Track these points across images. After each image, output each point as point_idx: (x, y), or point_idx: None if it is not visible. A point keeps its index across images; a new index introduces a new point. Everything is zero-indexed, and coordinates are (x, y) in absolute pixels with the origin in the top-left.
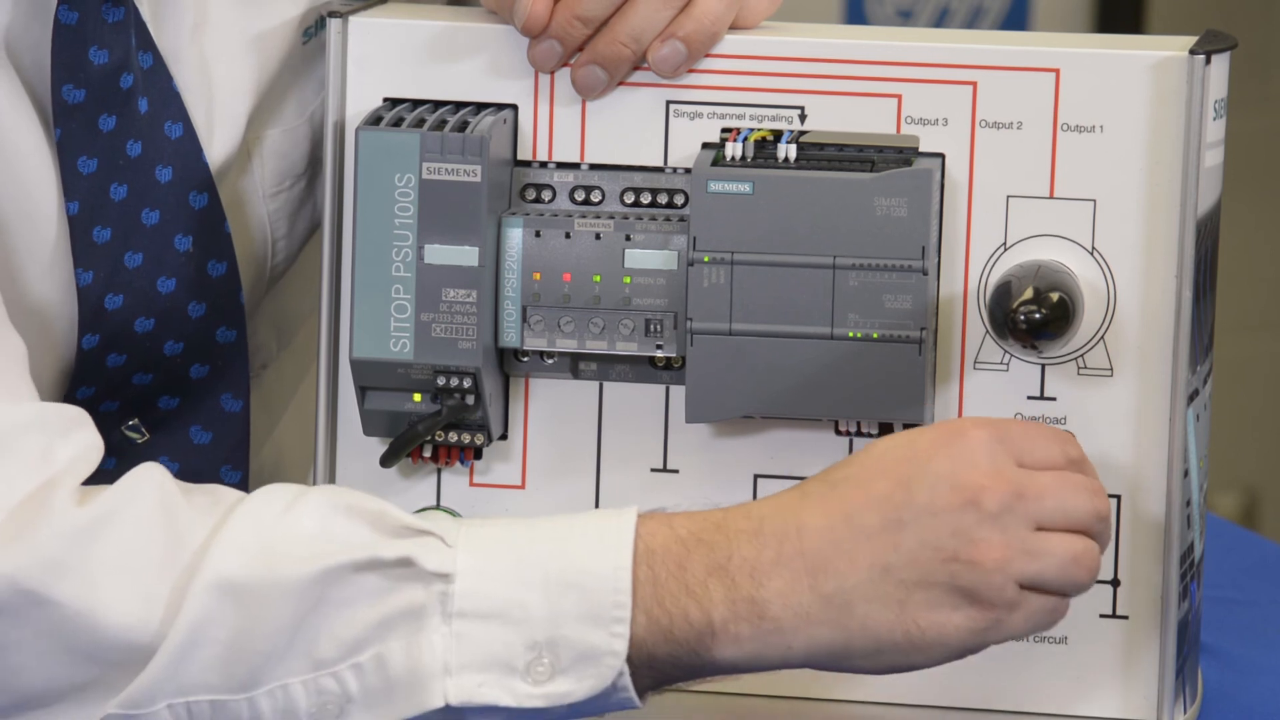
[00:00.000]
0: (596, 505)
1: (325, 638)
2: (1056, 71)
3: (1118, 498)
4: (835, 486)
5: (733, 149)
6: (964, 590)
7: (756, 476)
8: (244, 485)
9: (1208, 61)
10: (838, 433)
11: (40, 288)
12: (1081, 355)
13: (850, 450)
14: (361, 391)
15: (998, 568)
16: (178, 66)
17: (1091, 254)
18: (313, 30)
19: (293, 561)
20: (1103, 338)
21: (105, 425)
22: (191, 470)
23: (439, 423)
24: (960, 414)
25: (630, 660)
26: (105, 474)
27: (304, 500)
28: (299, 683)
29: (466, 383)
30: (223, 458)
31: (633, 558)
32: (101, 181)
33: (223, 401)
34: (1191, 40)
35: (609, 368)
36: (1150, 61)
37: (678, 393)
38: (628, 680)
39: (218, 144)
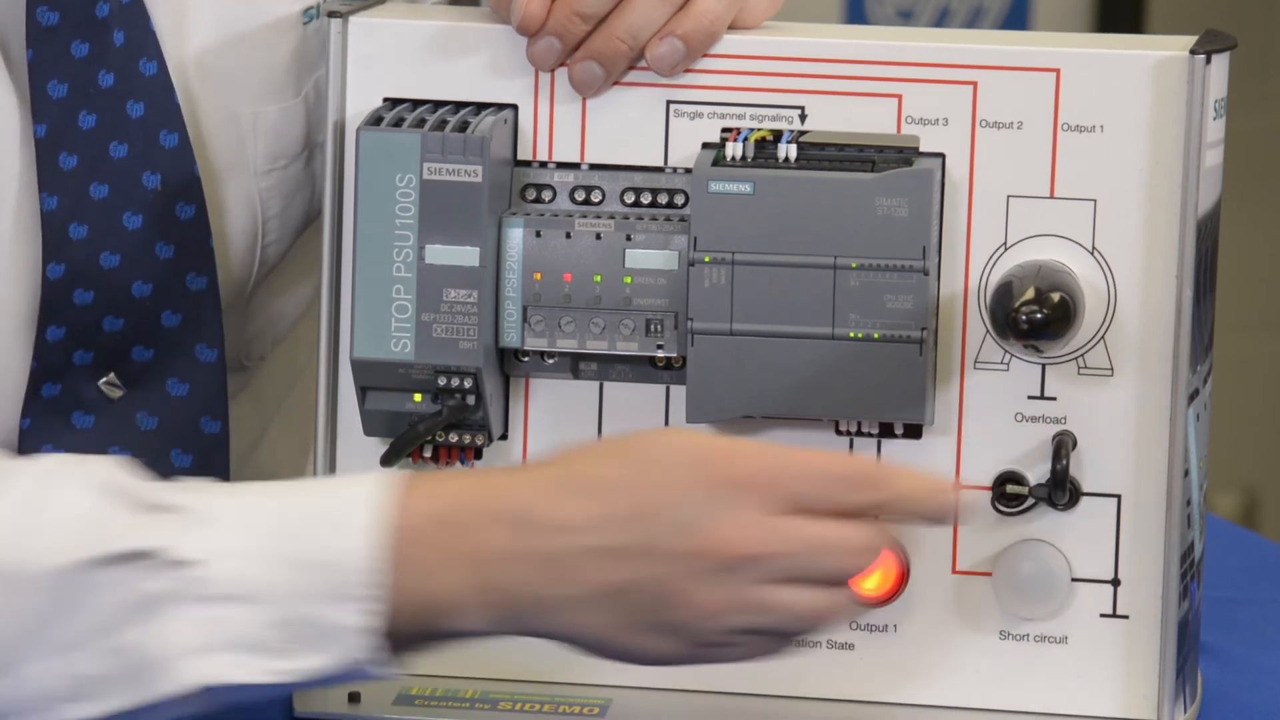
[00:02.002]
0: None
1: (75, 624)
2: (1057, 71)
3: (1118, 497)
4: (594, 488)
5: (733, 149)
6: (674, 627)
7: None
8: (224, 434)
9: (1208, 61)
10: (838, 433)
11: (4, 212)
12: (1082, 355)
13: (850, 451)
14: (362, 391)
15: (711, 617)
16: (155, 9)
17: (1092, 254)
18: (314, 11)
19: (41, 550)
20: (1103, 337)
21: (81, 380)
22: (170, 423)
23: (439, 423)
24: (961, 414)
25: (375, 634)
26: (85, 433)
27: (55, 477)
28: (47, 668)
29: (467, 383)
30: (200, 409)
31: (381, 534)
32: (70, 107)
33: (197, 352)
34: (1191, 40)
35: (609, 368)
36: (1150, 61)
37: (678, 393)
38: (373, 654)
39: (193, 75)
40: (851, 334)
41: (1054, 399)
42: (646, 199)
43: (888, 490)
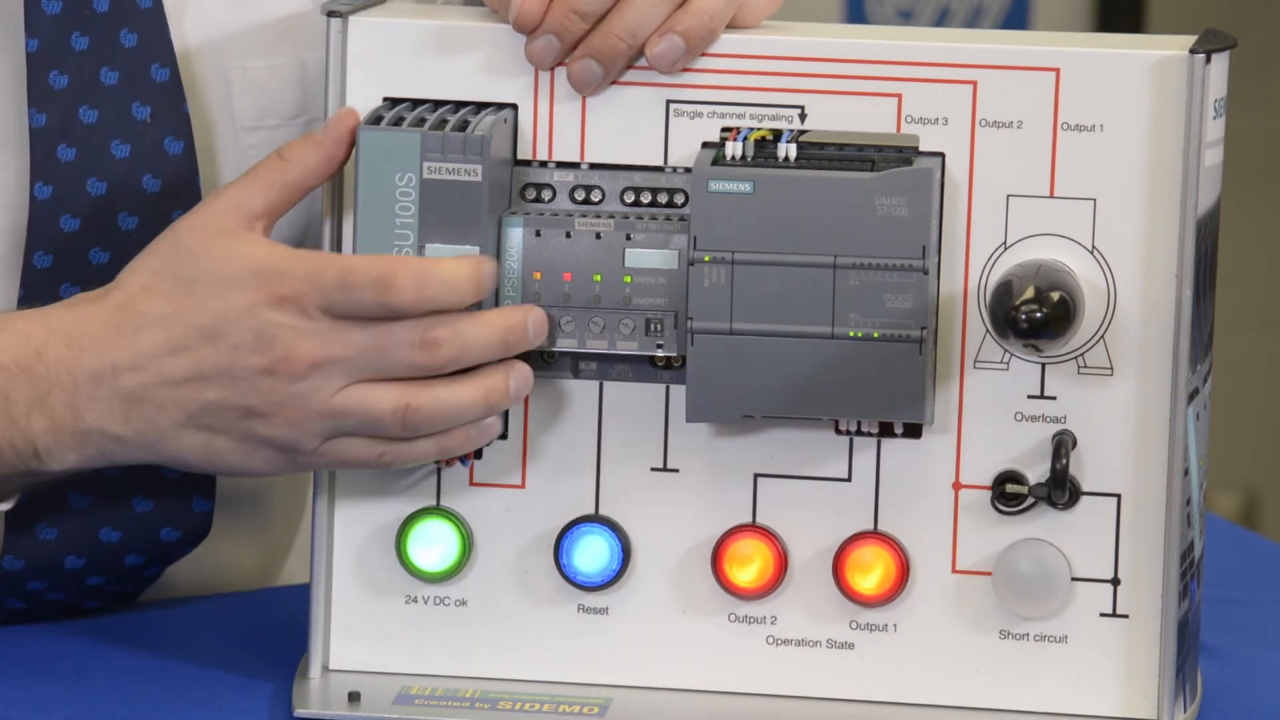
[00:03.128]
0: (597, 505)
1: None
2: (1057, 71)
3: (1118, 497)
4: (152, 323)
5: (733, 148)
6: (265, 440)
7: (757, 476)
8: None
9: (1208, 61)
10: (838, 432)
11: None
12: (1082, 354)
13: (850, 451)
14: None
15: (294, 425)
16: None
17: (1092, 253)
18: None
19: None
20: (1103, 337)
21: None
22: None
23: None
24: (960, 413)
25: None
26: None
27: None
28: None
29: None
30: None
31: None
32: (63, 26)
33: None
34: (1191, 40)
35: (609, 367)
36: (1150, 61)
37: (678, 392)
38: None
39: (189, 27)
40: (851, 333)
41: (1054, 398)
42: (646, 198)
43: (421, 288)
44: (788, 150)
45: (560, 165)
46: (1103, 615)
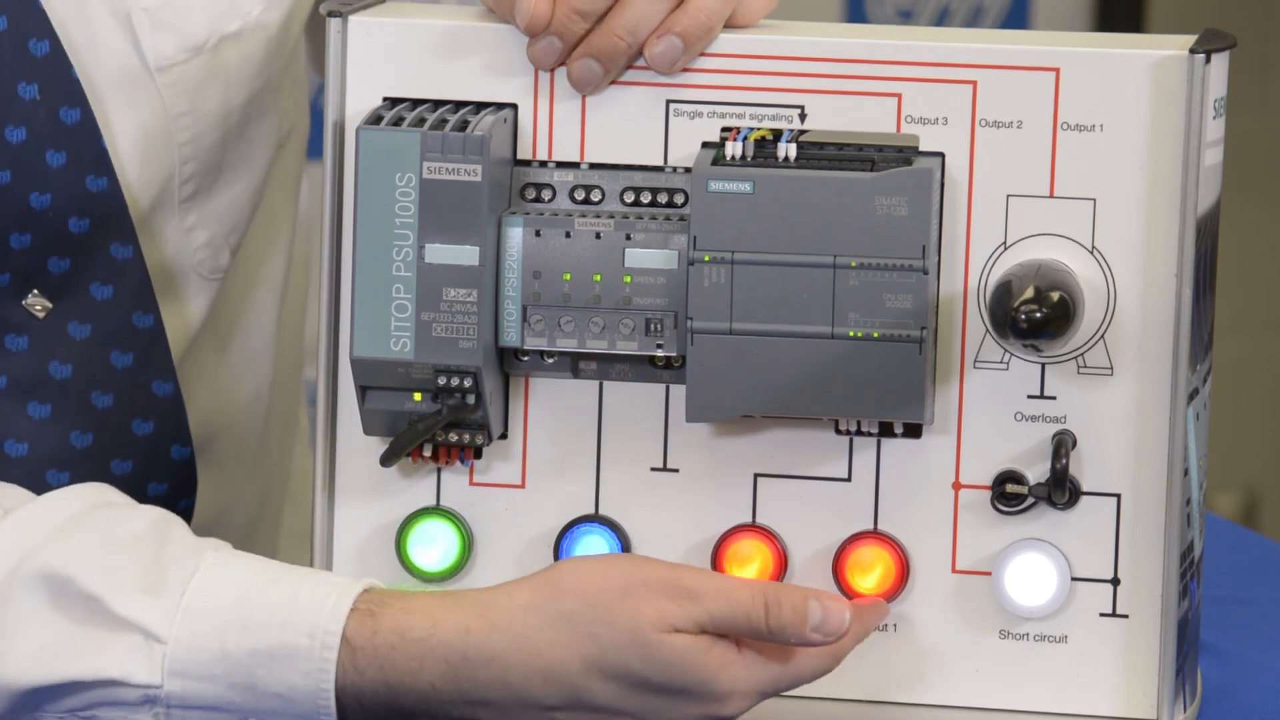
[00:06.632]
0: (596, 505)
1: None
2: (1056, 70)
3: (1117, 496)
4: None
5: (733, 148)
6: None
7: (757, 476)
8: (159, 327)
9: (1207, 60)
10: (838, 432)
11: None
12: (1081, 354)
13: (850, 451)
14: (361, 391)
15: None
16: None
17: (1091, 253)
18: None
19: (6, 664)
20: (1103, 336)
21: (5, 302)
22: (104, 327)
23: (439, 422)
24: (960, 413)
25: None
26: (21, 355)
27: (15, 583)
28: None
29: (467, 382)
30: (130, 306)
31: (337, 683)
32: None
33: (113, 251)
34: (1191, 39)
35: (609, 367)
36: (1150, 60)
37: (678, 392)
38: None
39: None
40: (851, 333)
41: (1053, 398)
42: (646, 198)
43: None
44: (787, 150)
45: (560, 165)
46: (1102, 615)
